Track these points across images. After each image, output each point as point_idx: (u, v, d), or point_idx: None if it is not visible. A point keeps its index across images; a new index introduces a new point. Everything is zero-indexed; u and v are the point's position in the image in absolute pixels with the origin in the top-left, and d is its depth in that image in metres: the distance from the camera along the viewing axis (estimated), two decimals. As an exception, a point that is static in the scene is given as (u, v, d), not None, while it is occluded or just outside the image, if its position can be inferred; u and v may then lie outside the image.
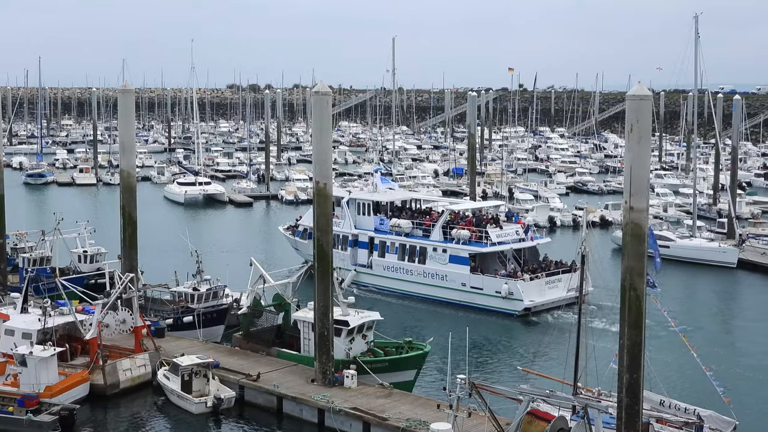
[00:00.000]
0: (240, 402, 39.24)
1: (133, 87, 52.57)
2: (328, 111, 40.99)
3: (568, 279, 56.38)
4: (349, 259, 63.95)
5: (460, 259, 58.73)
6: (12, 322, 42.17)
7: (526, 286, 55.83)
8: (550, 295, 56.41)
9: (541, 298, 56.06)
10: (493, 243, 58.52)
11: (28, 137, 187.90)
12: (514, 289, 55.58)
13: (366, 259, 63.35)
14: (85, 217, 66.43)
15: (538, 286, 56.41)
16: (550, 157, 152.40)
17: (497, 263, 58.63)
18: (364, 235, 63.79)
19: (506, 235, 59.62)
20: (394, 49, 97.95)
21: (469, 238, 59.02)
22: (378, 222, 63.85)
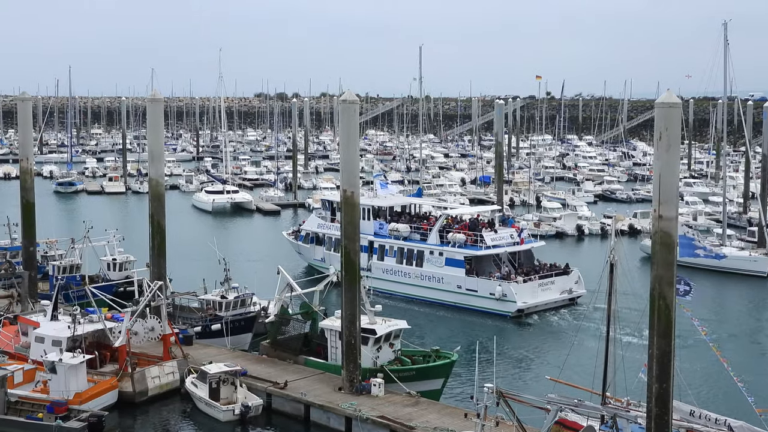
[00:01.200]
0: (267, 410, 39.27)
1: (161, 96, 52.87)
2: (355, 119, 41.03)
3: (562, 281, 59.37)
4: None
5: (455, 262, 60.19)
6: (42, 330, 42.49)
7: (519, 288, 57.39)
8: (543, 296, 58.33)
9: (534, 300, 57.77)
10: (488, 246, 60.11)
11: (58, 146, 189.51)
12: (508, 291, 57.04)
13: (365, 262, 63.16)
14: (114, 226, 66.87)
15: (531, 288, 58.10)
16: (577, 166, 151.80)
17: (492, 266, 60.10)
18: (364, 239, 62.32)
19: (501, 239, 61.20)
20: (420, 57, 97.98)
21: (464, 242, 60.50)
22: (377, 226, 65.19)
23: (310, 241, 70.85)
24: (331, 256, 66.50)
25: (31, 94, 64.62)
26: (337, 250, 64.58)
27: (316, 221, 70.94)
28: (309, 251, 71.14)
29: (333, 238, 67.14)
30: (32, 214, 56.16)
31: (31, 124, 59.96)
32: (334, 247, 66.14)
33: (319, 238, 70.09)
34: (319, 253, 69.94)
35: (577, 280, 60.60)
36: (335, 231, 65.82)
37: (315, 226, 70.64)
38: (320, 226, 70.09)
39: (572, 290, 60.09)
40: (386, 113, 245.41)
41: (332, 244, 67.49)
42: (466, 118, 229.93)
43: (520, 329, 55.09)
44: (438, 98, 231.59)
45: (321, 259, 69.26)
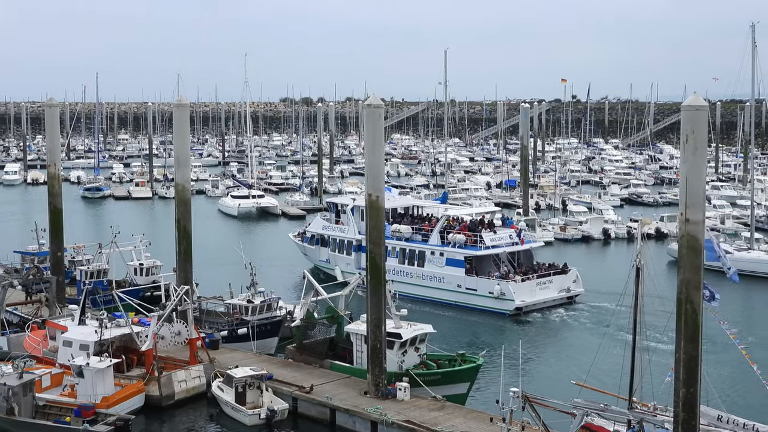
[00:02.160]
0: (293, 414, 39.34)
1: (187, 101, 53.12)
2: (380, 124, 41.08)
3: (560, 281, 60.89)
4: (353, 263, 66.77)
5: (455, 262, 61.71)
6: (70, 334, 42.78)
7: (517, 287, 58.84)
8: (541, 295, 59.85)
9: (532, 298, 59.28)
10: (487, 246, 61.50)
11: (85, 152, 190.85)
12: (506, 289, 58.49)
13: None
14: (141, 230, 67.22)
15: (529, 287, 59.55)
16: (604, 169, 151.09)
17: (491, 266, 61.48)
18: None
19: (500, 239, 62.64)
20: (446, 61, 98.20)
21: (464, 242, 61.94)
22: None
23: (316, 243, 72.32)
24: (336, 257, 69.14)
25: (59, 100, 65.07)
26: (341, 251, 68.13)
27: (321, 223, 72.37)
28: (314, 252, 72.61)
29: (337, 240, 69.38)
30: (60, 219, 56.57)
31: (58, 130, 60.42)
32: (339, 249, 69.03)
33: (324, 239, 71.40)
34: (324, 254, 71.33)
35: (575, 279, 62.03)
36: (340, 233, 69.11)
37: (320, 227, 72.11)
38: (325, 227, 71.49)
39: (570, 289, 61.42)
40: (411, 117, 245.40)
41: (337, 246, 69.53)
42: (491, 122, 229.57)
43: (538, 332, 54.86)
44: (463, 102, 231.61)
45: (326, 260, 70.85)
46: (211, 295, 53.14)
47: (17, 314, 51.68)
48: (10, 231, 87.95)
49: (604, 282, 65.00)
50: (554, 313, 59.01)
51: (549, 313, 59.29)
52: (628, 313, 33.46)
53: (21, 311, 52.08)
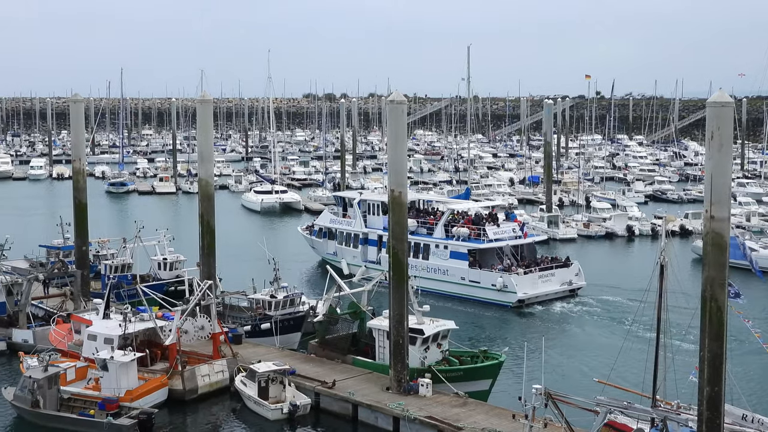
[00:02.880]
0: (315, 409, 39.42)
1: (211, 97, 53.28)
2: (403, 120, 41.04)
3: (562, 274, 61.88)
4: (360, 255, 68.77)
5: (459, 255, 62.85)
6: (94, 328, 43.06)
7: (519, 279, 59.93)
8: (543, 288, 60.89)
9: (534, 291, 60.29)
10: (490, 240, 62.61)
11: (110, 147, 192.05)
12: (508, 282, 59.64)
13: (375, 255, 67.72)
14: (165, 225, 67.55)
15: (531, 279, 60.55)
16: (628, 166, 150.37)
17: (495, 259, 62.68)
18: (374, 233, 68.34)
19: (503, 233, 63.79)
20: (469, 57, 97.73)
21: (468, 236, 63.04)
22: (386, 221, 64.99)
23: (323, 236, 73.43)
24: (343, 250, 70.63)
25: (84, 96, 65.36)
26: (347, 244, 69.59)
27: (329, 217, 73.68)
28: (322, 245, 73.72)
29: (344, 233, 70.83)
30: (85, 213, 56.91)
31: (83, 126, 60.74)
32: (346, 242, 70.56)
33: (331, 232, 72.54)
34: (331, 247, 72.45)
35: (577, 273, 62.92)
36: (347, 226, 70.66)
37: (327, 221, 73.33)
38: (332, 221, 72.69)
39: (572, 282, 62.40)
40: (434, 113, 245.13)
41: (344, 239, 70.93)
42: (514, 118, 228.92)
43: (556, 328, 54.70)
44: (486, 98, 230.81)
45: (333, 252, 71.93)
46: (234, 290, 53.29)
47: (42, 308, 52.07)
48: (35, 225, 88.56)
49: (627, 279, 64.90)
50: (573, 309, 58.95)
51: (565, 307, 59.30)
52: (651, 310, 33.27)
53: (46, 305, 52.42)
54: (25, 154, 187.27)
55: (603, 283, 65.89)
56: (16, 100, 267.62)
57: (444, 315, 48.50)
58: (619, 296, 61.30)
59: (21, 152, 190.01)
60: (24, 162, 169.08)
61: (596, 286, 64.54)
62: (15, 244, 66.92)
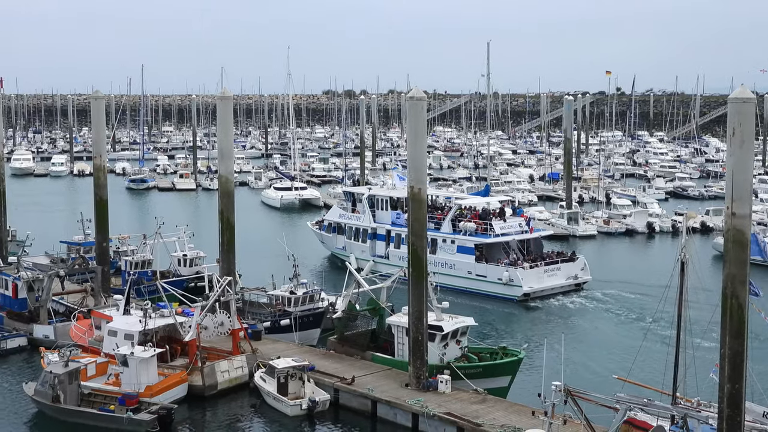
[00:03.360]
0: (334, 405, 39.46)
1: (231, 94, 53.45)
2: (423, 116, 41.01)
3: (567, 268, 62.60)
4: (368, 250, 69.88)
5: (466, 249, 63.61)
6: (115, 324, 43.26)
7: (525, 273, 60.72)
8: (548, 282, 61.67)
9: (540, 285, 61.14)
10: (497, 234, 63.58)
11: (130, 143, 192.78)
12: (514, 276, 60.45)
13: (383, 250, 68.97)
14: (185, 222, 67.77)
15: (536, 273, 61.32)
16: (648, 162, 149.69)
17: (501, 253, 63.55)
18: (382, 228, 69.62)
19: (509, 228, 64.70)
20: (488, 53, 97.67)
21: (475, 230, 63.98)
22: (395, 216, 68.91)
23: (332, 231, 74.54)
24: (351, 245, 71.59)
25: (105, 93, 65.76)
26: (356, 238, 71.53)
27: (338, 212, 74.97)
28: (331, 240, 74.75)
29: (353, 228, 71.90)
30: (105, 210, 57.17)
31: (104, 122, 61.01)
32: (354, 236, 71.57)
33: (340, 227, 73.60)
34: (340, 241, 73.46)
35: (582, 267, 63.56)
36: (355, 221, 71.75)
37: (336, 216, 74.65)
38: (341, 216, 73.90)
39: (578, 276, 63.06)
40: (454, 110, 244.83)
41: (352, 233, 71.94)
42: (534, 115, 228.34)
43: (574, 324, 54.53)
44: (506, 94, 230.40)
45: (342, 247, 73.02)
46: (253, 286, 53.42)
47: (63, 303, 52.36)
48: (56, 221, 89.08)
49: (647, 276, 64.64)
50: (592, 305, 58.77)
51: (583, 304, 59.20)
52: (671, 307, 33.12)
53: (67, 300, 52.74)
54: (46, 150, 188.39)
55: (623, 280, 65.73)
56: (38, 97, 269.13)
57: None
58: (638, 293, 61.03)
59: (42, 149, 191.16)
60: (45, 159, 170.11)
61: (615, 283, 64.37)
62: (36, 240, 67.59)
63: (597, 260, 77.05)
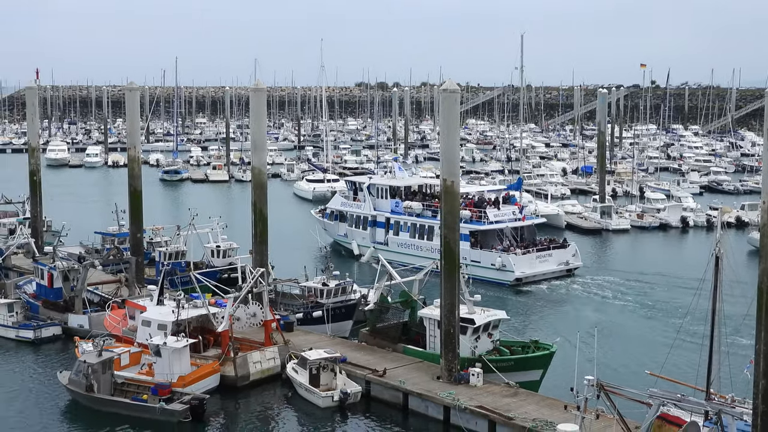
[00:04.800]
0: (366, 397, 39.53)
1: (264, 86, 53.56)
2: (456, 109, 40.90)
3: (559, 254, 64.98)
4: (368, 237, 72.13)
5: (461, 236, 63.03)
6: (148, 314, 43.53)
7: (517, 259, 63.07)
8: (540, 267, 64.00)
9: (532, 270, 63.42)
10: (491, 222, 65.77)
11: (164, 135, 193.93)
12: (507, 261, 62.77)
13: (383, 237, 71.24)
14: (218, 213, 68.11)
15: (528, 259, 63.67)
16: (683, 156, 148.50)
17: (495, 240, 65.83)
18: (382, 216, 71.85)
19: (503, 215, 67.04)
20: (522, 46, 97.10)
21: (470, 218, 65.55)
22: (394, 204, 71.58)
23: (335, 219, 76.78)
24: (353, 232, 73.91)
25: (139, 85, 66.14)
26: (358, 226, 73.66)
27: (340, 200, 77.13)
28: (333, 228, 77.02)
29: (354, 216, 74.19)
30: (139, 201, 57.58)
31: (138, 114, 61.48)
32: (356, 224, 73.83)
33: (342, 215, 75.75)
34: (342, 229, 75.62)
35: (574, 254, 65.99)
36: (357, 209, 74.13)
37: (339, 204, 76.86)
38: (344, 204, 76.09)
39: (569, 262, 65.36)
40: (487, 102, 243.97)
41: (354, 221, 74.22)
42: (567, 108, 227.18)
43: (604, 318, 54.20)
44: (539, 87, 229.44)
45: (344, 234, 75.20)
46: (286, 278, 53.57)
47: (98, 293, 52.79)
48: (91, 212, 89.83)
49: (681, 271, 64.26)
50: (627, 301, 58.30)
51: (619, 299, 58.73)
52: (705, 302, 32.86)
53: (101, 291, 53.19)
54: (81, 141, 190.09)
55: (656, 272, 65.42)
56: (73, 89, 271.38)
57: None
58: (672, 288, 60.63)
59: (77, 140, 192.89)
60: (80, 150, 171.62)
61: (649, 275, 64.10)
62: (71, 230, 68.19)
63: (630, 254, 76.75)
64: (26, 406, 39.29)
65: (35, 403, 39.59)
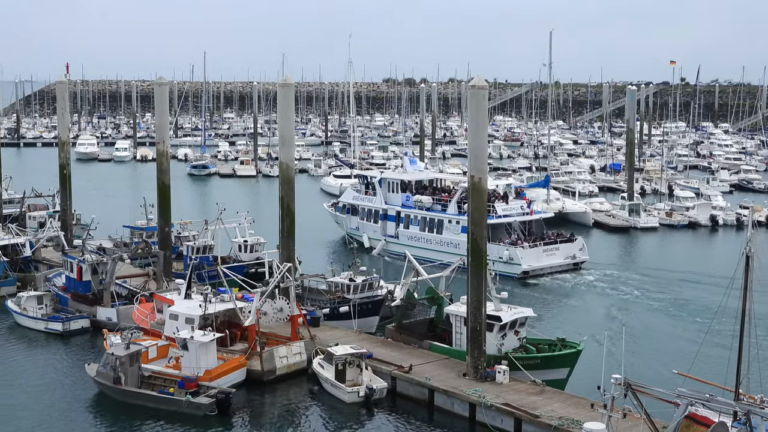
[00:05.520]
0: (392, 393, 39.50)
1: (292, 81, 53.60)
2: (484, 105, 40.77)
3: (566, 248, 66.27)
4: (379, 230, 73.23)
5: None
6: (176, 308, 43.77)
7: (525, 252, 64.43)
8: (547, 261, 65.42)
9: (539, 263, 64.82)
10: (499, 216, 66.93)
11: (192, 130, 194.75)
12: (514, 254, 64.10)
13: (394, 230, 72.27)
14: (245, 208, 68.27)
15: (536, 253, 64.98)
16: (713, 154, 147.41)
17: (504, 233, 66.77)
18: (393, 210, 73.02)
19: (511, 209, 68.41)
20: (551, 42, 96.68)
21: None
22: (405, 198, 72.99)
23: (347, 212, 77.96)
24: (364, 225, 75.09)
25: (168, 79, 66.45)
26: (369, 219, 74.87)
27: (352, 194, 78.35)
28: (345, 221, 78.03)
29: (366, 209, 75.36)
30: (168, 195, 57.84)
31: (167, 109, 61.71)
32: (367, 217, 74.98)
33: (354, 208, 76.95)
34: (354, 222, 76.78)
35: (581, 248, 67.26)
36: (368, 203, 75.33)
37: (351, 198, 78.12)
38: (355, 198, 77.33)
39: (576, 256, 66.75)
40: (515, 99, 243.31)
41: (365, 214, 75.40)
42: (596, 104, 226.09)
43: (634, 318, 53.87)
44: (568, 84, 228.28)
45: (356, 227, 76.23)
46: (313, 273, 53.66)
47: (126, 287, 53.12)
48: (120, 206, 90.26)
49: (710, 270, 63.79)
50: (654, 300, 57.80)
51: (647, 299, 58.23)
52: (735, 302, 32.56)
53: (130, 284, 53.50)
54: (110, 136, 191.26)
55: (685, 271, 64.99)
56: (103, 83, 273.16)
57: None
58: (701, 287, 60.18)
59: (106, 134, 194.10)
60: (109, 144, 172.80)
61: (678, 273, 63.68)
62: (100, 224, 68.64)
63: (658, 253, 76.26)
64: (54, 398, 39.61)
65: (63, 395, 39.90)
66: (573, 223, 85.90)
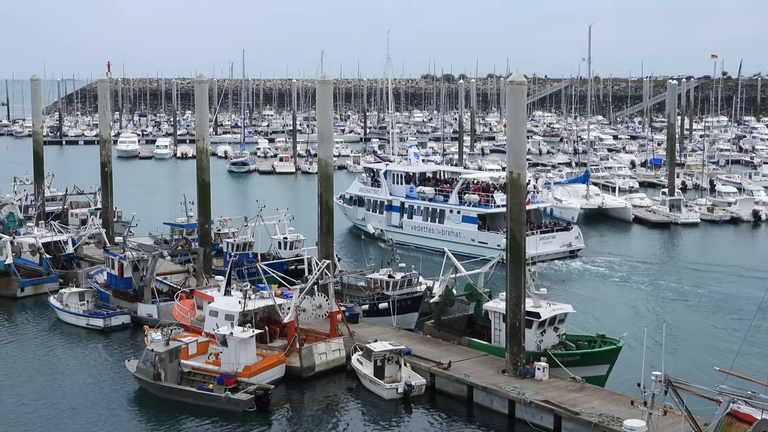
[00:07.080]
0: (431, 390, 39.46)
1: (331, 78, 53.65)
2: (523, 101, 40.57)
3: (562, 237, 68.78)
4: (384, 220, 75.75)
5: (470, 219, 70.12)
6: (216, 304, 44.01)
7: None
8: (544, 248, 67.52)
9: (536, 251, 65.32)
10: (498, 205, 68.24)
11: (231, 127, 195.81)
12: None
13: (398, 220, 74.92)
14: (284, 205, 68.51)
15: (533, 240, 64.27)
16: (755, 148, 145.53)
17: (502, 222, 64.42)
18: (397, 201, 75.72)
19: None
20: (590, 37, 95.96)
21: (478, 202, 70.21)
22: (408, 190, 75.58)
23: (354, 203, 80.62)
24: (370, 216, 77.74)
25: (208, 77, 66.78)
26: (374, 210, 77.51)
27: (359, 186, 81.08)
28: (352, 212, 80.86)
29: (371, 200, 78.03)
30: (207, 192, 58.15)
31: (207, 106, 62.03)
32: (373, 208, 77.65)
33: (360, 200, 79.62)
34: (360, 213, 79.51)
35: (577, 236, 69.74)
36: (374, 194, 77.90)
37: (357, 189, 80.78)
38: (362, 189, 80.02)
39: (572, 244, 69.28)
40: (554, 94, 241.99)
41: (371, 206, 78.06)
42: (636, 99, 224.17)
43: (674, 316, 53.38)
44: (607, 79, 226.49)
45: (362, 218, 78.99)
46: (352, 270, 53.65)
47: (167, 283, 53.53)
48: (160, 203, 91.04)
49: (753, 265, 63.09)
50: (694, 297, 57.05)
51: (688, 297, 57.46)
52: None
53: (170, 281, 53.93)
54: (151, 133, 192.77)
55: (727, 266, 64.33)
56: (143, 81, 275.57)
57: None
58: (743, 283, 59.50)
59: (147, 132, 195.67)
60: (150, 141, 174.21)
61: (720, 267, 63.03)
62: (141, 221, 69.26)
63: (700, 248, 75.50)
64: (95, 393, 39.99)
65: (103, 391, 40.28)
66: (613, 219, 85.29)
